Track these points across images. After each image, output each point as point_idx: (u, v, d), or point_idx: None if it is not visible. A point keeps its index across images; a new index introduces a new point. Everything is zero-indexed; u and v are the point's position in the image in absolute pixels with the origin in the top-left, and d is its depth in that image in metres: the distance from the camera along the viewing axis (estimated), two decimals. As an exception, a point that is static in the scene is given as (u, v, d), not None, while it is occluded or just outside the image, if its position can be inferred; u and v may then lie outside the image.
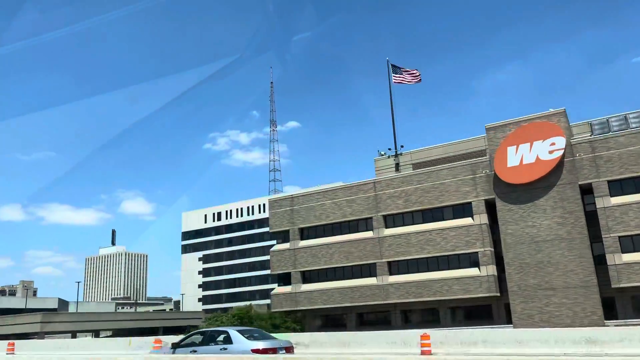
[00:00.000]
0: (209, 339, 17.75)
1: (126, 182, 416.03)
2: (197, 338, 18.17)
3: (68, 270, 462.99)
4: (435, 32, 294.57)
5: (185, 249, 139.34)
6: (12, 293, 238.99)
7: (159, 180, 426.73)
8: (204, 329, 20.09)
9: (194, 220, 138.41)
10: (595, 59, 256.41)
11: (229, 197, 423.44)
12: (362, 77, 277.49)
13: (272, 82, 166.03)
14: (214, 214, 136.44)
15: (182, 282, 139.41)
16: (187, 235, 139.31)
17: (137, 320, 66.08)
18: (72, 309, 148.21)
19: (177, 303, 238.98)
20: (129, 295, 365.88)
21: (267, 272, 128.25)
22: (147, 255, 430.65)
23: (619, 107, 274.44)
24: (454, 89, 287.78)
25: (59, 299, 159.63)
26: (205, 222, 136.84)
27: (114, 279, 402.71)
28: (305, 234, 45.69)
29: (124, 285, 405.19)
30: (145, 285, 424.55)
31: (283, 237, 46.98)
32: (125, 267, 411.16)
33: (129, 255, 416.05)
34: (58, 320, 56.06)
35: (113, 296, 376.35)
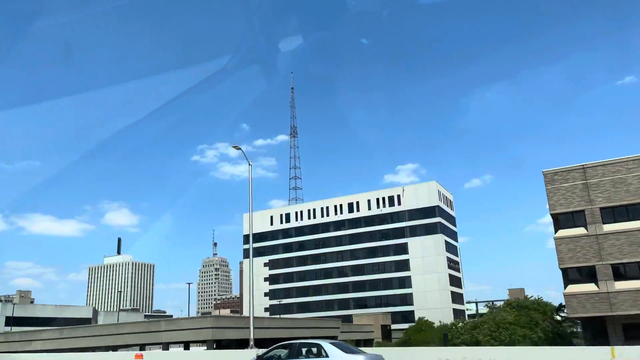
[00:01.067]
0: (297, 352, 16.16)
1: (111, 193, 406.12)
2: (281, 351, 16.58)
3: (47, 282, 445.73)
4: (423, 49, 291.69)
5: (248, 254, 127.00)
6: (9, 301, 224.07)
7: (144, 192, 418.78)
8: (290, 342, 17.47)
9: (257, 222, 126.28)
10: (582, 80, 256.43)
11: (220, 209, 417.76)
12: (350, 91, 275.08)
13: (292, 88, 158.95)
14: (281, 215, 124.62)
15: (245, 289, 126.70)
16: (249, 238, 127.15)
17: (286, 328, 54.09)
18: (101, 320, 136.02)
19: (205, 315, 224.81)
20: (136, 306, 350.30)
21: (347, 279, 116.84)
22: (153, 265, 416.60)
23: (605, 129, 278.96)
24: (441, 107, 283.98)
25: (93, 309, 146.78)
26: (272, 224, 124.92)
27: (119, 289, 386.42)
28: (608, 214, 34.60)
29: (131, 296, 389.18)
30: (152, 296, 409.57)
31: (571, 220, 35.76)
32: (132, 277, 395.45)
33: (135, 264, 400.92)
34: (229, 326, 44.01)
35: (121, 307, 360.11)
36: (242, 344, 43.46)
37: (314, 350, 15.72)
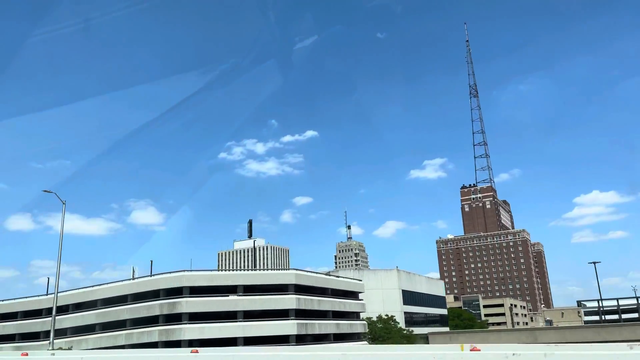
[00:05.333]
0: None
1: (137, 192, 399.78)
2: None
3: (72, 280, 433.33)
4: (444, 43, 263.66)
5: None
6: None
7: (171, 189, 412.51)
8: None
9: None
10: (620, 70, 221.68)
11: (240, 208, 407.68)
12: (370, 83, 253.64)
13: (467, 41, 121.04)
14: None
15: None
16: None
17: None
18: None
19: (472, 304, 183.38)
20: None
21: None
22: (288, 250, 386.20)
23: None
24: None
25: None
26: None
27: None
28: None
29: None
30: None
31: None
32: (271, 262, 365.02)
33: (272, 248, 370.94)
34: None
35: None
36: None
37: None
